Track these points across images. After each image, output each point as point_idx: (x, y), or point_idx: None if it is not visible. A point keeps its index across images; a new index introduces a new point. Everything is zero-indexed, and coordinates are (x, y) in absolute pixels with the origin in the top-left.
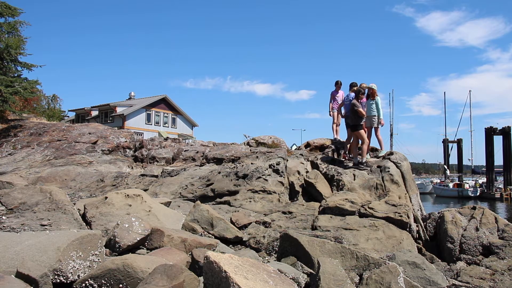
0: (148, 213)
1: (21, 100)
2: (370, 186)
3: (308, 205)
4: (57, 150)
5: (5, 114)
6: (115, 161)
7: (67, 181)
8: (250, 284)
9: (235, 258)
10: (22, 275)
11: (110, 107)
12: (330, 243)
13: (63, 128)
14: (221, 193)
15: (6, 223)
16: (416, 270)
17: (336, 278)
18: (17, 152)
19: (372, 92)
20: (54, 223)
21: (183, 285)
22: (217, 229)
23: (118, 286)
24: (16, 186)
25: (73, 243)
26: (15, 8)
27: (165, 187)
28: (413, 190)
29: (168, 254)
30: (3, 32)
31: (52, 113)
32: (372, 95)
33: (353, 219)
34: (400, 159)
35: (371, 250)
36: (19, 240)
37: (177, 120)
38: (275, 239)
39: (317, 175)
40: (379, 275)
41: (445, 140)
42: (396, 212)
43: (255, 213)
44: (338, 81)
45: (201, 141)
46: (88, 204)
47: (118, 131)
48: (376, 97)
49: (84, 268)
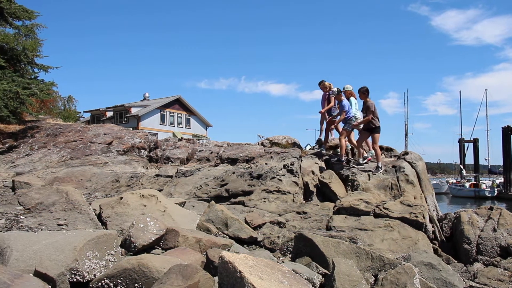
0: (163, 213)
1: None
2: (385, 186)
3: (322, 205)
4: (73, 150)
5: (22, 115)
6: (130, 162)
7: (83, 181)
8: (264, 284)
9: (249, 258)
10: (40, 274)
11: (124, 108)
12: (345, 244)
13: (79, 129)
14: (236, 193)
15: (24, 222)
16: (432, 271)
17: (351, 279)
18: (34, 153)
19: (348, 93)
20: (71, 223)
21: (198, 285)
22: (231, 229)
23: (133, 285)
24: (33, 187)
25: (89, 243)
26: (32, 11)
27: (179, 188)
28: (428, 190)
29: (183, 254)
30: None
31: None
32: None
33: (368, 220)
34: (415, 159)
35: (386, 251)
36: (37, 239)
37: (191, 120)
38: (290, 239)
39: (331, 175)
40: (394, 276)
41: (461, 140)
42: (411, 213)
43: (270, 213)
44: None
45: (215, 142)
46: (103, 204)
47: (133, 132)
48: (350, 98)
49: (100, 267)
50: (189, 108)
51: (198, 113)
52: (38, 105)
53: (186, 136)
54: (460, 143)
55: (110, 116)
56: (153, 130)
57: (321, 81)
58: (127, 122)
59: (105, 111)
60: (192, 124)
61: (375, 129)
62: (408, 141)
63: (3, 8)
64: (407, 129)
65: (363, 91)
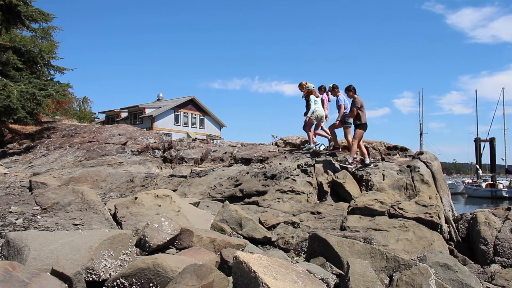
0: (177, 213)
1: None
2: (400, 186)
3: (336, 205)
4: (88, 151)
5: (39, 116)
6: (144, 162)
7: (98, 181)
8: (279, 285)
9: (264, 258)
10: (57, 272)
11: (139, 109)
12: (359, 244)
13: (94, 130)
14: (250, 193)
15: (41, 222)
16: (448, 272)
17: (365, 279)
18: (50, 153)
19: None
20: (86, 222)
21: (213, 284)
22: (245, 229)
23: (148, 285)
24: (50, 187)
25: (104, 243)
26: (48, 13)
27: (193, 188)
28: (444, 190)
29: (197, 254)
30: (37, 37)
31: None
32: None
33: (382, 220)
34: (430, 158)
35: (401, 251)
36: (54, 239)
37: (205, 121)
38: (304, 240)
39: (345, 175)
40: (409, 276)
41: (477, 139)
42: (426, 213)
43: (284, 214)
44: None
45: (229, 142)
46: (118, 204)
47: (147, 132)
48: (310, 96)
49: (116, 267)
50: (203, 108)
51: (212, 113)
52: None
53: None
54: (476, 143)
55: (124, 117)
56: (167, 131)
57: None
58: (142, 122)
59: (119, 112)
60: (206, 125)
61: (360, 125)
62: (423, 140)
63: (21, 11)
64: (422, 128)
65: (350, 89)
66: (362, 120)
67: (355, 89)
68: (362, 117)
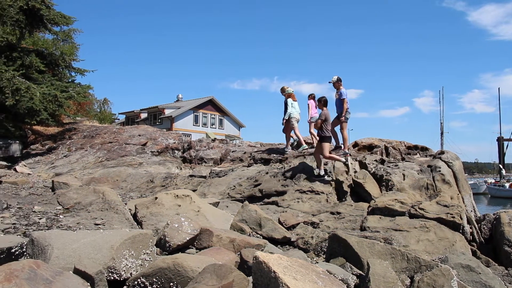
0: (197, 213)
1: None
2: (421, 186)
3: (356, 205)
4: (108, 151)
5: (61, 118)
6: (164, 162)
7: (119, 181)
8: (299, 285)
9: (284, 258)
10: (79, 271)
11: (158, 109)
12: (379, 244)
13: (114, 131)
14: (269, 193)
15: (64, 221)
16: (471, 273)
17: (386, 280)
18: (72, 154)
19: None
20: (107, 222)
21: (233, 284)
22: (265, 229)
23: (168, 284)
24: (72, 187)
25: (125, 242)
26: (69, 17)
27: (213, 188)
28: (465, 190)
29: (217, 254)
30: (58, 40)
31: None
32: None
33: (403, 220)
34: (451, 158)
35: (422, 252)
36: (76, 238)
37: (224, 121)
38: (324, 240)
39: (365, 175)
40: (431, 278)
41: (500, 138)
42: (448, 213)
43: (303, 214)
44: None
45: (248, 142)
46: (139, 204)
47: (166, 133)
48: (288, 99)
49: (136, 266)
50: (222, 109)
51: (231, 113)
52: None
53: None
54: (499, 142)
55: (144, 118)
56: (187, 131)
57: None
58: (161, 123)
59: (139, 113)
60: (225, 125)
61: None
62: (444, 140)
63: (43, 15)
64: (443, 127)
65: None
66: (326, 133)
67: (326, 102)
68: (326, 130)
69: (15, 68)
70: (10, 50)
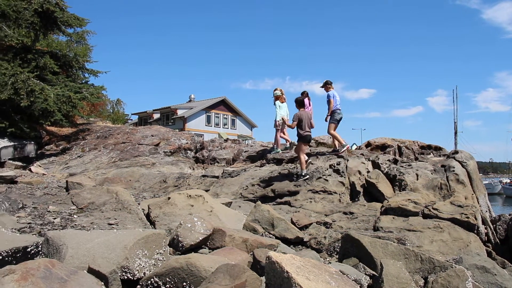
0: (209, 213)
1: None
2: (434, 186)
3: (369, 205)
4: (121, 152)
5: (74, 118)
6: (177, 162)
7: (132, 181)
8: (312, 285)
9: (297, 258)
10: (93, 271)
11: (171, 110)
12: (393, 245)
13: (127, 131)
14: (282, 193)
15: (78, 221)
16: (486, 275)
17: (399, 281)
18: (85, 154)
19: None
20: (121, 222)
21: (246, 284)
22: (277, 229)
23: (182, 284)
24: (85, 187)
25: (139, 242)
26: (82, 18)
27: (225, 188)
28: (480, 190)
29: (230, 254)
30: (72, 41)
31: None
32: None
33: (416, 220)
34: (465, 158)
35: (436, 253)
36: (90, 238)
37: (236, 121)
38: (336, 240)
39: (378, 175)
40: (445, 279)
41: None
42: (462, 213)
43: (316, 214)
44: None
45: (260, 142)
46: (152, 204)
47: (179, 133)
48: (276, 101)
49: (150, 266)
50: (234, 109)
51: (243, 113)
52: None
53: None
54: None
55: (157, 118)
56: (199, 131)
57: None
58: (174, 123)
59: (152, 113)
60: (237, 125)
61: (300, 138)
62: (457, 139)
63: (57, 17)
64: (457, 127)
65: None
66: (302, 133)
67: (300, 102)
68: (300, 131)
69: (30, 70)
70: (25, 52)
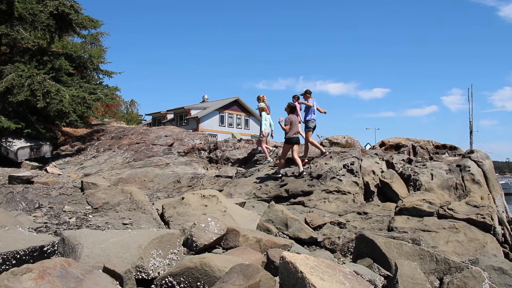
0: (223, 213)
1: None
2: (449, 186)
3: (383, 205)
4: (136, 152)
5: (89, 119)
6: (190, 163)
7: (146, 182)
8: (326, 285)
9: (310, 258)
10: (108, 270)
11: (184, 110)
12: (407, 245)
13: (141, 132)
14: (295, 193)
15: (93, 221)
16: (503, 276)
17: (414, 282)
18: (100, 155)
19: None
20: (135, 222)
21: (260, 284)
22: (291, 229)
23: (196, 284)
24: (100, 187)
25: (153, 242)
26: (97, 20)
27: (239, 188)
28: (496, 190)
29: (244, 253)
30: (86, 43)
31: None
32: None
33: (431, 221)
34: (481, 157)
35: (452, 253)
36: (105, 237)
37: (250, 121)
38: (350, 240)
39: (392, 174)
40: (461, 280)
41: None
42: (478, 214)
43: (330, 214)
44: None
45: (274, 142)
46: (166, 204)
47: (193, 134)
48: (262, 112)
49: (164, 265)
50: (247, 109)
51: (257, 114)
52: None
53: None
54: None
55: (170, 119)
56: (213, 132)
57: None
58: (187, 124)
59: (165, 114)
60: (251, 125)
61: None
62: (473, 139)
63: (72, 20)
64: (472, 126)
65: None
66: (289, 136)
67: (292, 108)
68: (288, 133)
69: (45, 72)
70: (41, 54)
